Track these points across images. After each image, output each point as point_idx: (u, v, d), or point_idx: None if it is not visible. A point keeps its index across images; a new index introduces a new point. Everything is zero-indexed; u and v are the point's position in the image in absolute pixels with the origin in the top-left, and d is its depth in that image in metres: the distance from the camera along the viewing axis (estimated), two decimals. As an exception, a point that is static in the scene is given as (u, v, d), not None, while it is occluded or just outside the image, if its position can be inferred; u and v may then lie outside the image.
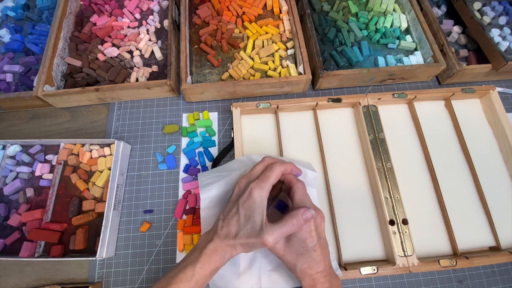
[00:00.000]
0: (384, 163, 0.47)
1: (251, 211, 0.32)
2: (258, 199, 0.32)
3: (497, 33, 0.55)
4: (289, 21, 0.61)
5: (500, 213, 0.47)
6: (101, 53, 0.58)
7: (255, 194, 0.32)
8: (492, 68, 0.55)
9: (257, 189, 0.32)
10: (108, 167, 0.49)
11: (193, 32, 0.62)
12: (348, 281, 0.45)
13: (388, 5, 0.63)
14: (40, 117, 0.57)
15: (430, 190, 0.49)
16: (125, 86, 0.52)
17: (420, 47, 0.59)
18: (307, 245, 0.33)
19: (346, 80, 0.56)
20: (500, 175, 0.50)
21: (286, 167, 0.35)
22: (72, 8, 0.62)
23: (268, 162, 0.36)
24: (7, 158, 0.50)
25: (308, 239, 0.33)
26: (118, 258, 0.46)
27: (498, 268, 0.46)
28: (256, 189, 0.32)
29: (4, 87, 0.55)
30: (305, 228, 0.33)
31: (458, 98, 0.55)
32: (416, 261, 0.41)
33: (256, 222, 0.31)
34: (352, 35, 0.60)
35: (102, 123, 0.56)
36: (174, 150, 0.53)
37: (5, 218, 0.47)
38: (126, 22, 0.62)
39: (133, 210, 0.49)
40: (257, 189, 0.32)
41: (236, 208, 0.33)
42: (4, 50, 0.60)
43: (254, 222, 0.31)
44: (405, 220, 0.44)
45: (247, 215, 0.32)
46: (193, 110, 0.56)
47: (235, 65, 0.58)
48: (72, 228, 0.46)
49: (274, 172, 0.33)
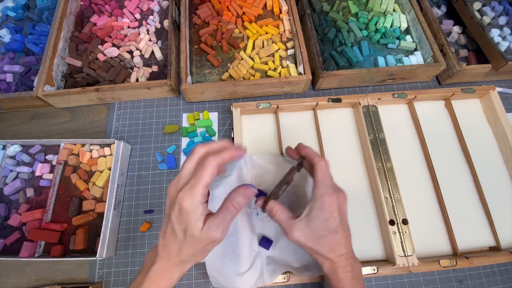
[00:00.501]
0: (384, 163, 0.47)
1: (186, 223, 0.28)
2: (191, 209, 0.27)
3: (497, 33, 0.55)
4: (289, 21, 0.61)
5: (500, 213, 0.47)
6: (101, 53, 0.58)
7: (186, 205, 0.27)
8: (492, 68, 0.55)
9: (187, 199, 0.27)
10: (108, 167, 0.49)
11: (193, 32, 0.62)
12: (348, 281, 0.45)
13: (388, 5, 0.63)
14: (40, 117, 0.57)
15: (430, 190, 0.49)
16: (125, 86, 0.52)
17: (420, 47, 0.59)
18: (329, 226, 0.31)
19: (346, 80, 0.56)
20: (500, 175, 0.50)
21: (223, 156, 0.29)
22: (72, 8, 0.62)
23: (199, 155, 0.30)
24: (7, 158, 0.50)
25: (330, 219, 0.31)
26: (118, 258, 0.46)
27: (498, 268, 0.46)
28: (186, 199, 0.27)
29: (4, 87, 0.55)
30: (327, 208, 0.31)
31: (458, 98, 0.55)
32: (416, 261, 0.41)
33: (195, 231, 0.28)
34: (352, 35, 0.60)
35: (102, 123, 0.56)
36: (174, 150, 0.53)
37: (5, 218, 0.47)
38: (126, 22, 0.62)
39: (133, 210, 0.49)
40: (186, 199, 0.27)
41: (171, 225, 0.29)
42: (4, 50, 0.60)
43: (192, 232, 0.28)
44: (405, 220, 0.44)
45: (184, 229, 0.28)
46: (193, 110, 0.57)
47: (235, 65, 0.58)
48: (72, 228, 0.46)
49: (207, 170, 0.28)
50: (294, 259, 0.42)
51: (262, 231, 0.44)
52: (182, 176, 0.29)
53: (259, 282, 0.39)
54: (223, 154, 0.29)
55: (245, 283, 0.38)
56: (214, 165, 0.28)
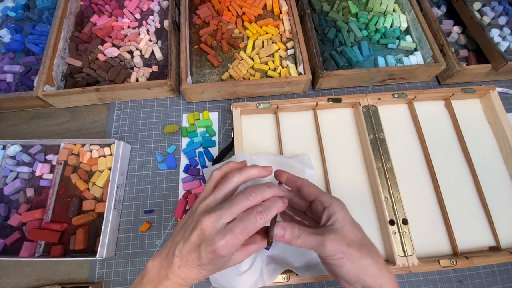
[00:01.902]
0: (384, 163, 0.47)
1: (216, 261, 0.26)
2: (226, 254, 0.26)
3: (497, 33, 0.55)
4: (289, 21, 0.61)
5: (500, 213, 0.47)
6: (101, 53, 0.58)
7: (222, 251, 0.25)
8: (492, 68, 0.55)
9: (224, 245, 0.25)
10: (108, 167, 0.49)
11: (193, 32, 0.62)
12: (348, 281, 0.45)
13: (388, 5, 0.63)
14: (40, 117, 0.57)
15: (430, 190, 0.49)
16: (125, 86, 0.52)
17: (420, 47, 0.59)
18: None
19: (346, 80, 0.56)
20: (500, 175, 0.50)
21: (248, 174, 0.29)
22: (72, 8, 0.62)
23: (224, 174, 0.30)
24: (7, 158, 0.50)
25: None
26: (118, 258, 0.46)
27: (498, 268, 0.46)
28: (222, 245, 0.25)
29: (4, 87, 0.55)
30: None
31: (458, 98, 0.55)
32: (416, 261, 0.41)
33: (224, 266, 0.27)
34: (352, 35, 0.60)
35: (102, 123, 0.56)
36: (174, 150, 0.53)
37: (5, 218, 0.47)
38: (126, 22, 0.62)
39: (133, 210, 0.49)
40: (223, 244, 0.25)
41: (194, 244, 0.26)
42: (4, 50, 0.60)
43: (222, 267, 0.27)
44: (405, 220, 0.44)
45: (213, 262, 0.26)
46: (193, 110, 0.57)
47: (235, 65, 0.58)
48: (72, 228, 0.46)
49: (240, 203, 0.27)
50: (294, 259, 0.42)
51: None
52: (204, 192, 0.29)
53: (259, 282, 0.39)
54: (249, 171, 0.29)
55: (245, 283, 0.38)
56: (235, 182, 0.29)
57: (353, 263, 0.28)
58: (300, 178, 0.33)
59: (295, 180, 0.33)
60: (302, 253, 0.42)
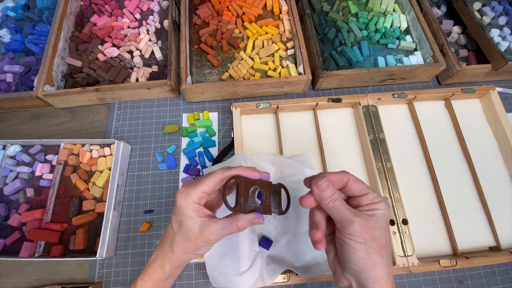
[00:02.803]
0: (384, 163, 0.47)
1: (181, 217, 0.31)
2: (183, 205, 0.30)
3: (497, 33, 0.55)
4: (289, 21, 0.61)
5: (500, 213, 0.47)
6: (101, 53, 0.58)
7: (179, 202, 0.31)
8: (492, 68, 0.55)
9: (181, 197, 0.31)
10: (108, 167, 0.49)
11: (193, 32, 0.62)
12: (348, 281, 0.45)
13: (388, 5, 0.63)
14: (40, 117, 0.57)
15: (430, 190, 0.49)
16: (125, 86, 0.52)
17: (420, 47, 0.59)
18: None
19: (346, 80, 0.56)
20: (500, 175, 0.50)
21: (231, 171, 0.31)
22: (72, 8, 0.62)
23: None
24: (7, 158, 0.50)
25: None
26: (118, 258, 0.46)
27: (498, 268, 0.46)
28: (180, 197, 0.31)
29: (4, 87, 0.55)
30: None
31: (458, 98, 0.55)
32: (416, 261, 0.41)
33: (189, 223, 0.30)
34: (352, 35, 0.60)
35: (102, 123, 0.56)
36: (174, 150, 0.53)
37: (5, 218, 0.47)
38: (126, 22, 0.62)
39: (133, 210, 0.49)
40: (181, 196, 0.31)
41: (171, 219, 0.33)
42: (4, 50, 0.60)
43: (187, 225, 0.30)
44: (405, 220, 0.44)
45: (179, 221, 0.31)
46: (193, 110, 0.57)
47: (235, 65, 0.58)
48: (72, 228, 0.46)
49: (210, 178, 0.31)
50: (294, 259, 0.42)
51: (262, 231, 0.44)
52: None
53: (259, 282, 0.39)
54: (232, 170, 0.31)
55: (244, 283, 0.38)
56: (217, 177, 0.31)
57: (369, 253, 0.28)
58: (346, 173, 0.31)
59: (341, 177, 0.31)
60: (302, 253, 0.42)
